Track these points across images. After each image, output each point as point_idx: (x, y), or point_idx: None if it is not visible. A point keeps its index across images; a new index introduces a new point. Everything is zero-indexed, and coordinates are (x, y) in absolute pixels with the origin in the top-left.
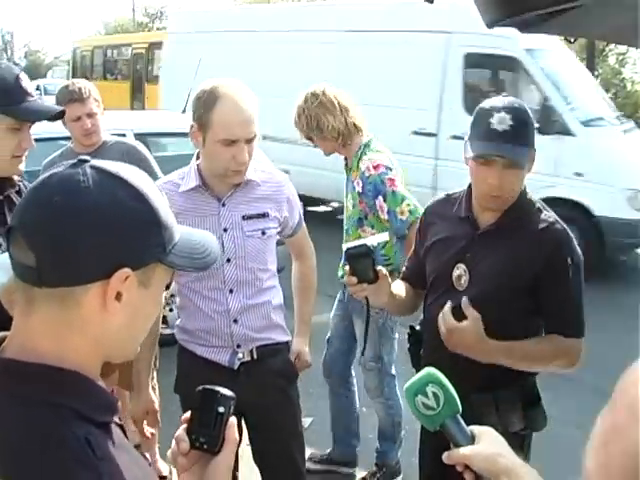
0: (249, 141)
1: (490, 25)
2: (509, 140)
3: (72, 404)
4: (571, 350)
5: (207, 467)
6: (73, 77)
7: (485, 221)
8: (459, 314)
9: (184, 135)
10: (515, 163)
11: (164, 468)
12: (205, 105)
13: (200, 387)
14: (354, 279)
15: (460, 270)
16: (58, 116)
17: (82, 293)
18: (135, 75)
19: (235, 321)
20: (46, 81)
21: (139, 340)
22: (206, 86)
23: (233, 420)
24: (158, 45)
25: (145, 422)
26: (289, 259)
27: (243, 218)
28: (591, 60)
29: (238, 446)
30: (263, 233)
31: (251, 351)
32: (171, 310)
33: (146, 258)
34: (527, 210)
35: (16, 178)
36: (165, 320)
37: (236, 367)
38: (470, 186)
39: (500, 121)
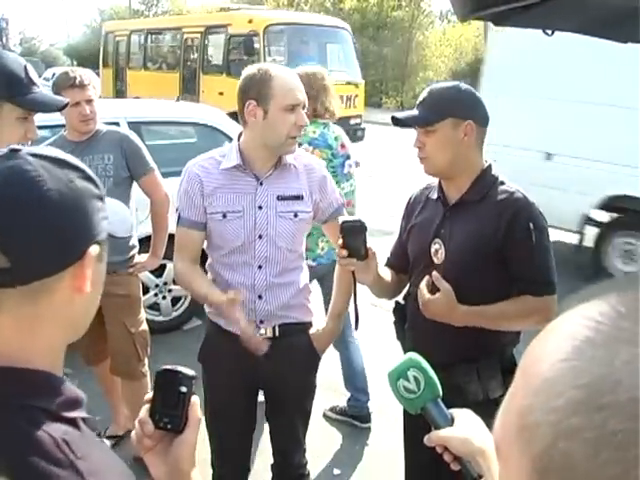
0: (304, 107)
1: (463, 18)
2: (420, 108)
3: (45, 405)
4: (543, 307)
5: (171, 446)
6: (104, 66)
7: (453, 198)
8: (435, 287)
9: (178, 124)
10: (428, 127)
11: None
12: (262, 80)
13: (161, 368)
14: (345, 252)
15: (437, 245)
16: (64, 107)
17: (57, 281)
18: (186, 64)
19: (260, 297)
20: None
21: (93, 314)
22: (252, 69)
23: (196, 399)
24: (218, 29)
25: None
26: None
27: (278, 198)
28: None
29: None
30: (295, 215)
31: (273, 328)
32: (164, 298)
33: (101, 230)
34: (489, 184)
35: None
36: (158, 308)
37: None
38: None
39: (422, 95)
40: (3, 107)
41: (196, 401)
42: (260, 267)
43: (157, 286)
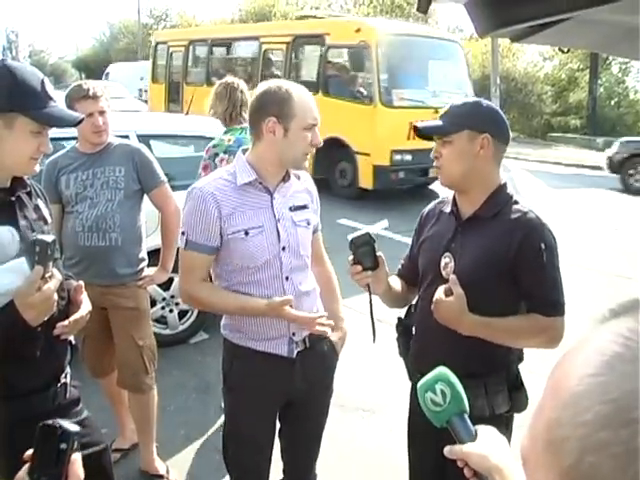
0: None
1: (482, 35)
2: (441, 119)
3: None
4: (550, 328)
5: None
6: (153, 82)
7: (466, 213)
8: (450, 294)
9: (187, 138)
10: (445, 137)
11: (161, 467)
12: (284, 99)
13: (40, 423)
14: (359, 267)
15: (447, 259)
16: (79, 123)
17: None
18: (265, 80)
19: (290, 307)
20: None
21: None
22: (268, 86)
23: (77, 456)
24: (310, 39)
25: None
26: None
27: (290, 209)
28: (595, 69)
29: None
30: (308, 223)
31: (304, 339)
32: (171, 311)
33: None
34: (504, 201)
35: (26, 179)
36: (165, 321)
37: (294, 355)
38: None
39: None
40: (17, 120)
41: (77, 458)
42: (287, 278)
43: (164, 299)
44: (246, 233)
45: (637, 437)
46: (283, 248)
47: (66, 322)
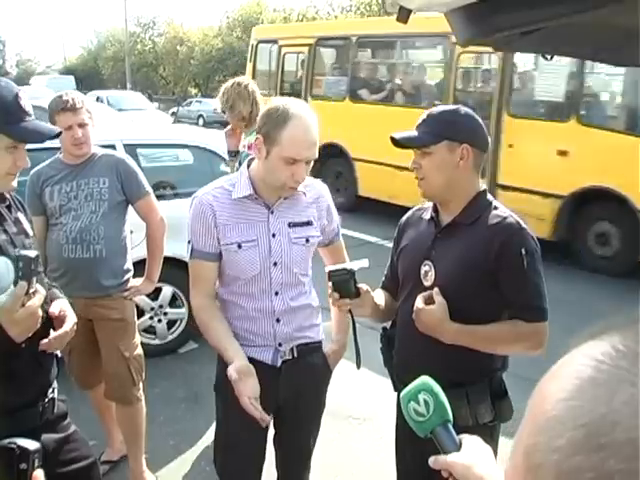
0: (309, 162)
1: (464, 43)
2: (419, 129)
3: None
4: (533, 334)
5: None
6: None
7: (445, 219)
8: (430, 302)
9: (174, 146)
10: (425, 149)
11: (150, 478)
12: (277, 122)
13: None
14: (336, 295)
15: (427, 266)
16: (56, 136)
17: None
18: (456, 97)
19: (278, 320)
20: (103, 93)
21: None
22: (278, 103)
23: (38, 474)
24: None
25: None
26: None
27: (289, 225)
28: None
29: None
30: (307, 241)
31: (292, 349)
32: (159, 321)
33: None
34: (483, 207)
35: (5, 193)
36: (154, 331)
37: (279, 365)
38: None
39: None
40: None
41: (39, 476)
42: (277, 293)
43: (152, 309)
44: (239, 246)
45: (608, 462)
46: (275, 264)
47: (51, 336)
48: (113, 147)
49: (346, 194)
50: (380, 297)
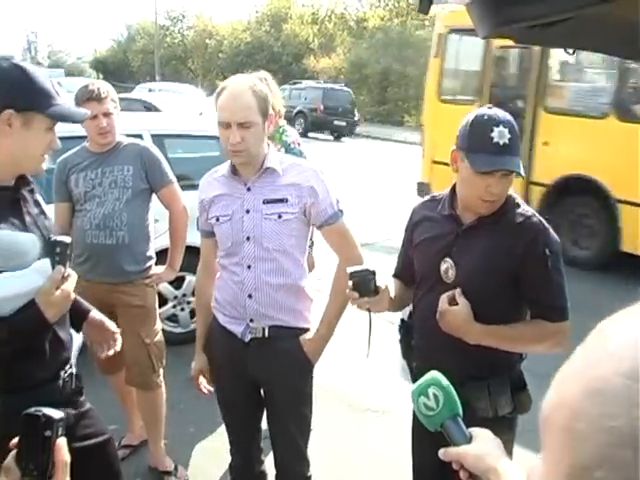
0: (241, 125)
1: (485, 36)
2: (510, 153)
3: None
4: (556, 333)
5: None
6: (437, 101)
7: (468, 218)
8: (455, 303)
9: (201, 137)
10: (515, 173)
11: (169, 464)
12: (217, 94)
13: (24, 411)
14: (355, 294)
15: (447, 264)
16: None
17: None
18: None
19: (250, 296)
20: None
21: None
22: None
23: (61, 442)
24: None
25: (203, 381)
26: None
27: (263, 202)
28: None
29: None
30: (279, 216)
31: (263, 329)
32: (182, 310)
33: None
34: (506, 206)
35: (28, 177)
36: (176, 319)
37: (247, 340)
38: (454, 187)
39: (500, 135)
40: (34, 118)
41: (62, 444)
42: (249, 267)
43: (176, 298)
44: (217, 219)
45: None
46: (247, 238)
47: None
48: (140, 137)
49: (594, 246)
50: (393, 287)
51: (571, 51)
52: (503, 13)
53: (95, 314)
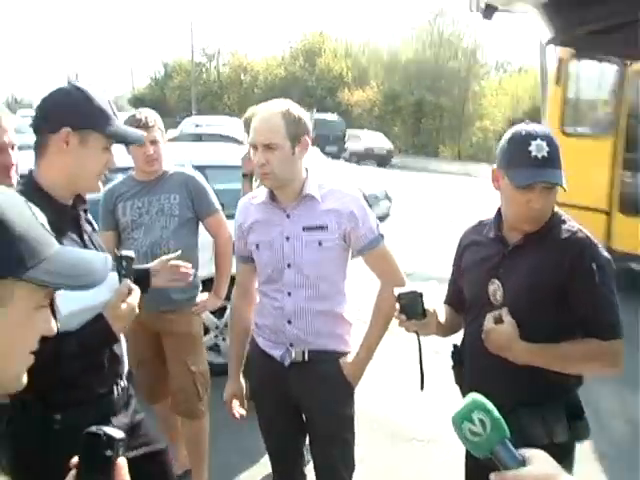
0: (266, 147)
1: (547, 44)
2: (550, 165)
3: None
4: (608, 352)
5: None
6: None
7: (514, 238)
8: (499, 322)
9: (238, 168)
10: (558, 186)
11: None
12: (247, 120)
13: (85, 430)
14: (403, 316)
15: (495, 285)
16: (140, 140)
17: None
18: None
19: (289, 322)
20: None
21: (11, 366)
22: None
23: (122, 461)
24: None
25: (235, 405)
26: None
27: (303, 229)
28: None
29: None
30: (320, 244)
31: (303, 353)
32: (224, 339)
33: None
34: (552, 222)
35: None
36: (218, 349)
37: (287, 363)
38: (499, 209)
39: (538, 149)
40: (91, 136)
41: (122, 464)
42: (289, 294)
43: (217, 327)
44: (257, 246)
45: None
46: (288, 265)
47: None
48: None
49: None
50: (443, 312)
51: (629, 62)
52: (565, 17)
53: (154, 265)
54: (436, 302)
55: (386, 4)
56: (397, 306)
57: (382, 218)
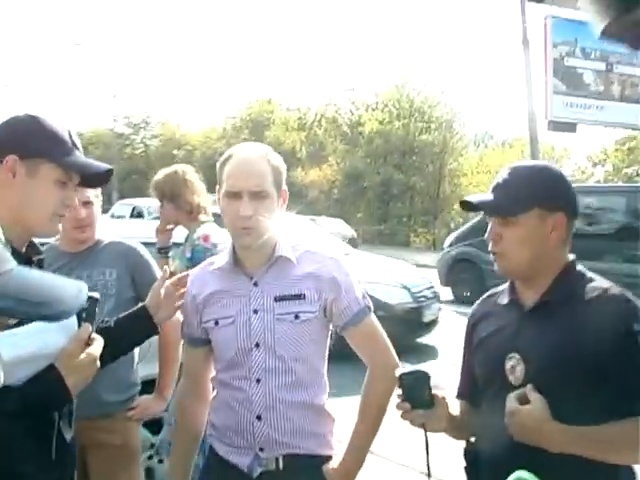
0: (254, 195)
1: (601, 36)
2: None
3: None
4: None
5: None
6: None
7: (530, 298)
8: (524, 402)
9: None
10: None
11: None
12: (220, 166)
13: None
14: (407, 405)
15: (513, 360)
16: (106, 177)
17: None
18: None
19: (259, 418)
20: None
21: None
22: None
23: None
24: None
25: None
26: None
27: (275, 299)
28: None
29: None
30: (296, 317)
31: (276, 459)
32: (160, 461)
33: None
34: (576, 280)
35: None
36: (152, 475)
37: (255, 475)
38: None
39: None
40: (41, 167)
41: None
42: (258, 381)
43: (153, 446)
44: (216, 323)
45: None
46: (257, 345)
47: None
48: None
49: None
50: (457, 408)
51: None
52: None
53: (149, 300)
54: (445, 385)
55: (346, 68)
56: (398, 391)
57: (430, 325)
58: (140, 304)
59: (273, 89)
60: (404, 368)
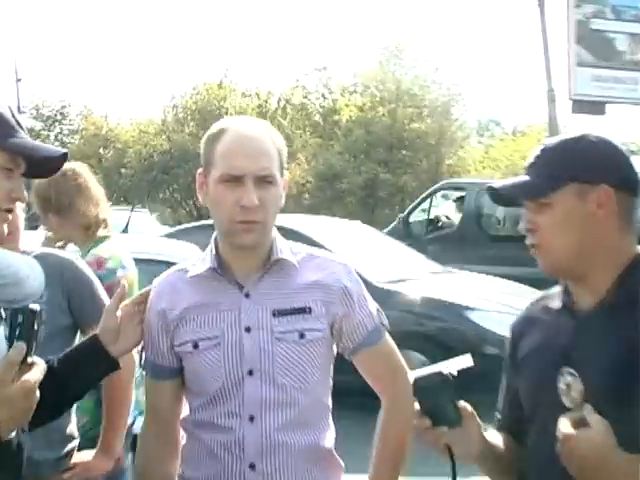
0: (260, 180)
1: None
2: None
3: None
4: None
5: None
6: None
7: (587, 302)
8: (582, 426)
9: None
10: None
11: None
12: (210, 141)
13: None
14: (428, 422)
15: (567, 377)
16: (58, 164)
17: None
18: None
19: (252, 467)
20: None
21: None
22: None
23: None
24: None
25: None
26: None
27: (274, 314)
28: None
29: None
30: (301, 336)
31: None
32: None
33: None
34: (636, 272)
35: None
36: None
37: None
38: None
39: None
40: None
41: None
42: (252, 419)
43: None
44: (195, 346)
45: None
46: (250, 372)
47: None
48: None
49: None
50: (498, 441)
51: None
52: None
53: (104, 324)
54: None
55: (316, 41)
56: (416, 405)
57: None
58: (91, 333)
59: (224, 70)
60: (421, 370)
